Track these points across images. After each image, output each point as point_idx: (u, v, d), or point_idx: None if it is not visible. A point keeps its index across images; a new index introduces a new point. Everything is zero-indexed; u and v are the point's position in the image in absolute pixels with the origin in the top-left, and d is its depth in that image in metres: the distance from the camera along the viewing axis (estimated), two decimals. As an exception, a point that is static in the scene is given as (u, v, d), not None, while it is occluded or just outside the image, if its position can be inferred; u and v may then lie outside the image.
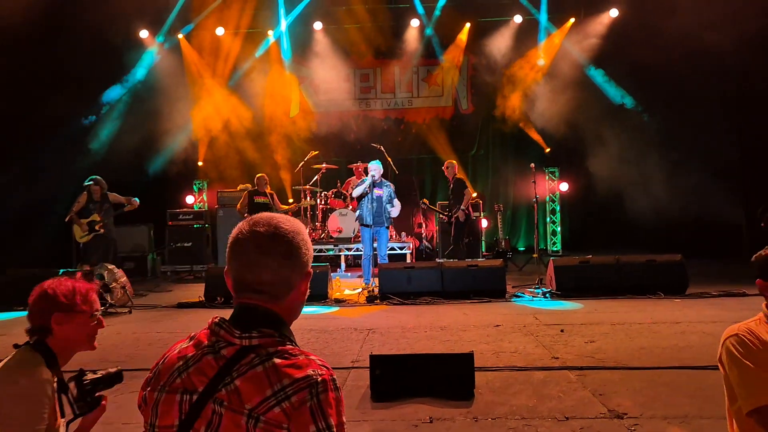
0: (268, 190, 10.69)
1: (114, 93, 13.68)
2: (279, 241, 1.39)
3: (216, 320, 1.41)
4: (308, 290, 1.46)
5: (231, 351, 1.34)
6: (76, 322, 2.23)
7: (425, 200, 11.58)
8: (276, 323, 1.39)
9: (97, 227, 9.63)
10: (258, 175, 10.64)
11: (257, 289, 1.39)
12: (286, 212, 11.15)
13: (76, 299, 2.24)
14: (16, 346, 2.19)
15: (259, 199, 10.43)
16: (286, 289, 1.41)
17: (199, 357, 1.36)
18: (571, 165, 14.10)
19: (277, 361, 1.30)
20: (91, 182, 9.70)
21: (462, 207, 10.44)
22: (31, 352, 2.14)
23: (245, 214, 10.18)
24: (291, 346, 1.35)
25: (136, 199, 9.78)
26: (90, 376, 2.27)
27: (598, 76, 13.97)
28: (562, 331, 6.21)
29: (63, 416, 2.18)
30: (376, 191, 9.41)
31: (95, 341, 2.30)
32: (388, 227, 9.60)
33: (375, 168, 9.39)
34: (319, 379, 1.29)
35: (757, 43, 10.24)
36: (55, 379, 2.15)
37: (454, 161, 10.93)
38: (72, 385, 2.23)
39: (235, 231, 1.45)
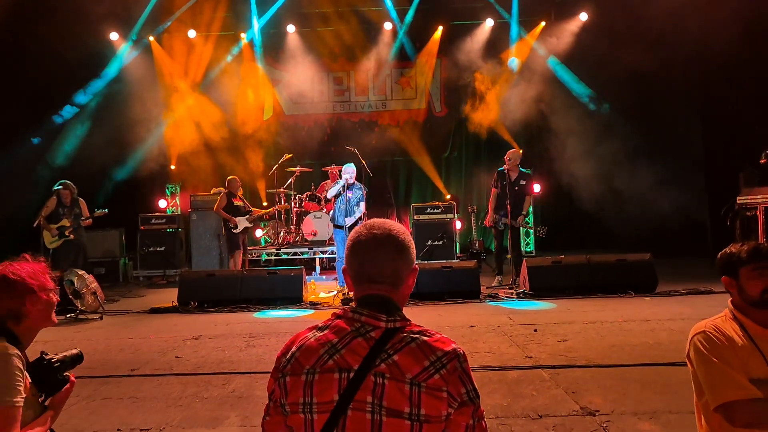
0: (240, 192, 10.63)
1: (82, 96, 13.47)
2: (394, 240, 1.67)
3: (353, 309, 1.65)
4: (414, 284, 1.72)
5: (378, 333, 1.58)
6: (44, 300, 2.27)
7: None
8: (399, 309, 1.66)
9: (66, 233, 9.48)
10: (230, 178, 10.55)
11: (378, 280, 1.65)
12: (262, 216, 11.10)
13: (41, 278, 2.29)
14: None
15: (237, 202, 10.36)
16: (400, 281, 1.67)
17: (348, 340, 1.59)
18: (543, 166, 14.24)
19: (425, 338, 1.58)
20: (60, 186, 9.55)
21: (523, 212, 9.54)
22: None
23: (228, 216, 10.12)
24: (422, 327, 1.62)
25: (101, 210, 9.65)
26: (53, 356, 2.28)
27: (568, 77, 14.15)
28: (535, 330, 6.27)
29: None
30: (348, 194, 9.44)
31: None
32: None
33: (350, 171, 9.40)
34: (461, 351, 1.59)
35: (723, 35, 10.35)
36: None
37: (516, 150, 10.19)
38: (39, 366, 2.24)
39: (354, 234, 1.71)
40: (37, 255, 2.42)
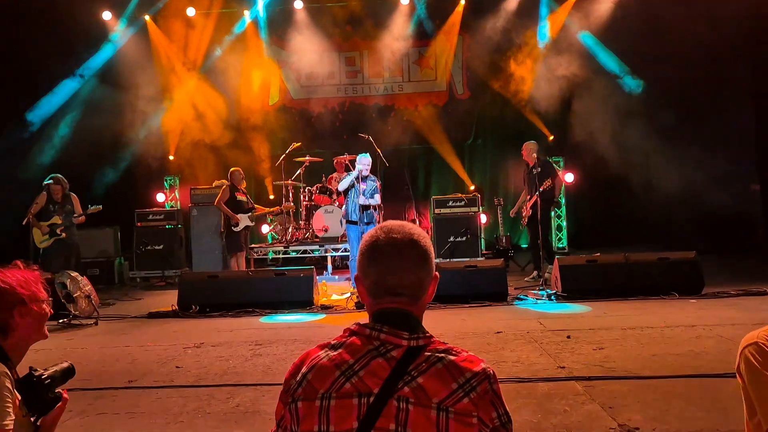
0: (243, 186, 10.66)
1: (72, 83, 13.60)
2: (416, 246, 1.65)
3: (369, 325, 1.61)
4: (434, 293, 1.72)
5: (399, 352, 1.56)
6: (35, 311, 2.27)
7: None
8: (420, 323, 1.65)
9: (58, 231, 9.59)
10: (233, 169, 10.57)
11: (398, 292, 1.63)
12: (266, 215, 11.14)
13: (32, 287, 2.29)
14: None
15: (240, 196, 10.39)
16: (422, 292, 1.66)
17: (366, 361, 1.57)
18: (576, 154, 14.13)
19: (452, 357, 1.56)
20: (50, 181, 9.65)
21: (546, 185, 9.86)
22: None
23: (230, 212, 10.15)
24: (447, 344, 1.60)
25: (95, 206, 9.75)
26: (43, 372, 2.29)
27: (603, 54, 14.02)
28: (568, 337, 6.25)
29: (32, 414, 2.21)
30: (362, 186, 9.44)
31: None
32: (374, 223, 9.59)
33: (364, 162, 9.39)
34: (491, 371, 1.57)
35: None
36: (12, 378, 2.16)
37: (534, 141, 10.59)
38: (28, 384, 2.25)
39: (370, 238, 1.68)
40: (29, 261, 2.44)
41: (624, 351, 5.69)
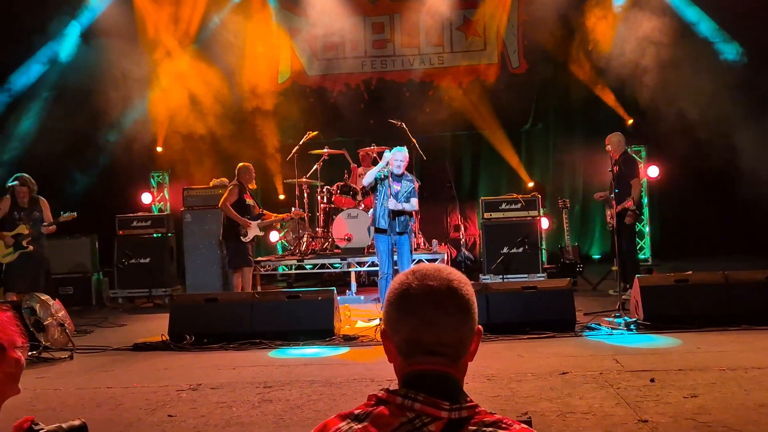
0: (252, 186, 10.76)
1: (41, 61, 13.88)
2: (456, 296, 1.68)
3: (401, 392, 1.63)
4: (477, 350, 1.74)
5: (439, 426, 1.57)
6: (13, 361, 2.31)
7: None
8: (462, 389, 1.67)
9: (24, 243, 9.78)
10: (242, 165, 10.64)
11: (436, 351, 1.65)
12: (272, 223, 11.20)
13: (8, 331, 2.29)
14: None
15: (248, 199, 10.49)
16: (464, 350, 1.69)
17: None
18: (662, 142, 14.03)
19: None
20: (15, 182, 9.84)
21: (627, 205, 10.34)
22: None
23: (240, 217, 10.24)
24: (494, 415, 1.62)
25: (68, 213, 9.93)
26: (46, 427, 2.34)
27: (697, 19, 13.87)
28: (652, 380, 6.22)
29: None
30: (395, 186, 9.41)
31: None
32: (408, 233, 9.59)
33: (399, 158, 9.28)
34: None
35: None
36: None
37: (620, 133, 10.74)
38: None
39: (399, 285, 1.71)
40: None
41: (723, 399, 5.65)
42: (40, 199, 10.03)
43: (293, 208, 12.01)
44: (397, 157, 9.30)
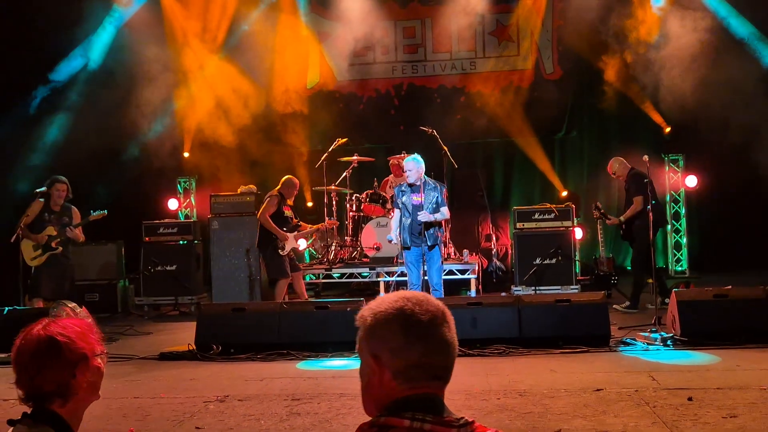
0: (290, 202, 10.86)
1: (70, 67, 14.08)
2: (450, 319, 1.83)
3: (407, 414, 1.70)
4: None
5: None
6: (96, 369, 2.43)
7: (598, 204, 11.62)
8: (446, 408, 1.77)
9: (53, 244, 9.91)
10: (288, 178, 10.84)
11: (442, 375, 1.78)
12: (308, 234, 11.27)
13: (90, 339, 2.42)
14: (10, 422, 2.31)
15: (287, 212, 10.63)
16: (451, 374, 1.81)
17: None
18: (700, 149, 13.94)
19: None
20: (53, 185, 9.94)
21: (622, 218, 10.90)
22: (41, 427, 2.28)
23: (279, 230, 10.40)
24: (489, 428, 1.72)
25: (98, 212, 10.06)
26: None
27: (742, 25, 13.77)
28: (690, 399, 6.18)
29: None
30: (414, 197, 9.45)
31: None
32: (438, 245, 9.62)
33: (409, 167, 9.37)
34: None
35: None
36: None
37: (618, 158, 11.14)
38: None
39: (399, 311, 1.78)
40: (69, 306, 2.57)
41: (764, 420, 5.61)
42: (72, 207, 10.17)
43: (327, 218, 12.06)
44: (408, 167, 9.37)
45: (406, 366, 1.73)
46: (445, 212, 9.59)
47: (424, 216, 9.25)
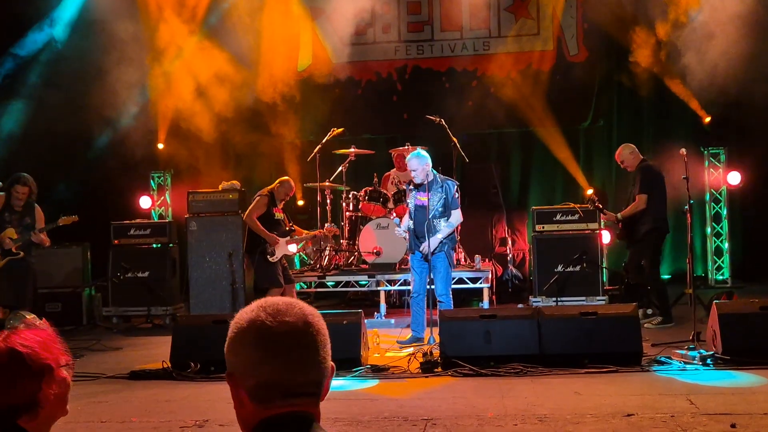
0: (282, 205, 10.86)
1: (32, 42, 14.06)
2: (316, 331, 1.82)
3: None
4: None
5: None
6: (62, 380, 2.47)
7: (593, 195, 11.66)
8: (318, 426, 1.81)
9: (14, 248, 9.86)
10: (283, 179, 10.87)
11: (303, 392, 1.79)
12: (303, 241, 11.26)
13: (53, 349, 2.46)
14: None
15: (278, 213, 10.62)
16: (322, 387, 1.84)
17: None
18: (746, 143, 13.94)
19: None
20: (13, 186, 9.89)
21: (619, 215, 10.93)
22: None
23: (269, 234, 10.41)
24: None
25: (67, 216, 10.04)
26: None
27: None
28: (733, 426, 6.17)
29: None
30: (419, 197, 9.47)
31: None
32: (445, 251, 9.63)
33: (413, 165, 9.35)
34: None
35: None
36: None
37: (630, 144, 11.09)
38: None
39: (249, 324, 1.79)
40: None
41: (816, 450, 5.61)
42: (36, 207, 10.13)
43: (326, 224, 12.03)
44: (411, 164, 9.36)
45: (256, 384, 1.75)
46: (456, 217, 9.61)
47: (426, 248, 9.31)
